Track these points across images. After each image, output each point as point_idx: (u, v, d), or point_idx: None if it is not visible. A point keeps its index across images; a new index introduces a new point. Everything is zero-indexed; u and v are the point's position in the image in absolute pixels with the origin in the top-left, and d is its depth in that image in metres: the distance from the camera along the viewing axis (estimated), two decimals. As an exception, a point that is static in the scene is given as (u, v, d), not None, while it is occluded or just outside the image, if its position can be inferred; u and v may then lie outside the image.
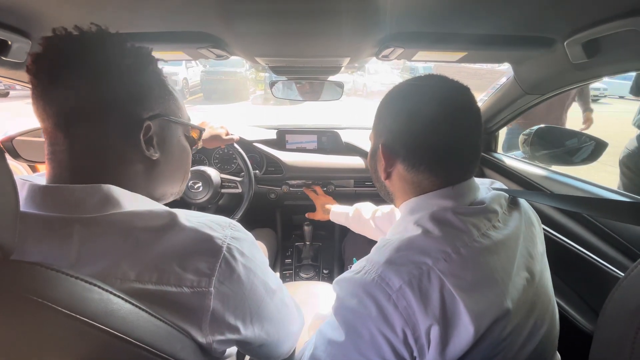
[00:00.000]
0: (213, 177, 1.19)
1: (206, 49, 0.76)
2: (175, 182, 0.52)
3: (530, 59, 0.82)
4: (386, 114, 0.54)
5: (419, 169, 0.50)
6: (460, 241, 0.44)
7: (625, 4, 0.50)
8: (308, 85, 1.26)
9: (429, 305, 0.40)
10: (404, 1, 0.56)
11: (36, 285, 0.29)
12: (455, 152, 0.49)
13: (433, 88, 0.51)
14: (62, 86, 0.39)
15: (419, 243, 0.44)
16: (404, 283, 0.41)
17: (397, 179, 0.53)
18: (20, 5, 0.56)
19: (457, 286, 0.41)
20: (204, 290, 0.38)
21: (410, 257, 0.43)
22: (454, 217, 0.46)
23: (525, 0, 0.53)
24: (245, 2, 0.55)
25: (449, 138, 0.48)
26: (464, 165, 0.51)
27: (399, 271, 0.42)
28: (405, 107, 0.51)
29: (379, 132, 0.54)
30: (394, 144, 0.51)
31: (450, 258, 0.42)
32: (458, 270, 0.42)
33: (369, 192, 1.47)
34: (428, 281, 0.41)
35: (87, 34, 0.41)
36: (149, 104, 0.44)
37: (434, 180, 0.50)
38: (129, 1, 0.56)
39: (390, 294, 0.41)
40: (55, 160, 0.41)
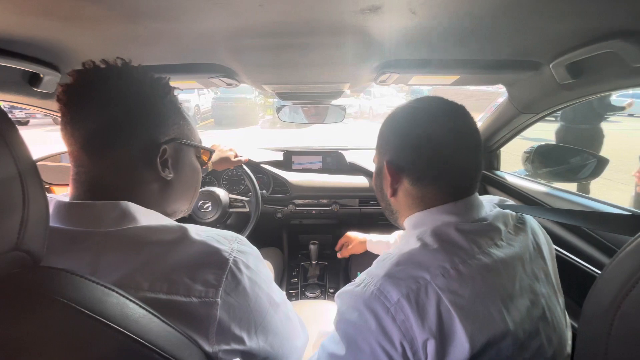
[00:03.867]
0: (222, 197, 1.23)
1: (217, 78, 0.83)
2: (186, 200, 0.55)
3: (521, 81, 0.86)
4: (389, 133, 0.56)
5: (423, 182, 0.51)
6: (459, 257, 0.44)
7: (601, 29, 0.54)
8: (312, 109, 1.32)
9: (426, 319, 0.40)
10: (397, 32, 0.60)
11: (62, 288, 0.32)
12: (456, 165, 0.50)
13: (432, 107, 0.53)
14: (89, 113, 0.43)
15: (418, 257, 0.45)
16: (402, 296, 0.41)
17: (402, 194, 0.54)
18: (52, 43, 0.63)
19: (453, 302, 0.41)
20: (211, 301, 0.39)
21: (408, 271, 0.43)
22: (455, 233, 0.46)
23: (510, 28, 0.57)
24: (252, 37, 0.61)
25: (449, 151, 0.50)
26: (465, 179, 0.52)
27: (397, 284, 0.42)
28: (407, 125, 0.53)
29: (383, 151, 0.56)
30: (398, 160, 0.53)
31: (448, 274, 0.42)
32: (456, 287, 0.42)
33: (374, 210, 1.48)
34: (425, 296, 0.41)
35: (112, 67, 0.45)
36: (166, 129, 0.48)
37: (437, 194, 0.51)
38: (150, 38, 0.63)
39: (388, 307, 0.42)
40: (79, 180, 0.45)
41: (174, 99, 0.50)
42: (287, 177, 1.43)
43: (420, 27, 0.57)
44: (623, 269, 0.29)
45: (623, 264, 0.29)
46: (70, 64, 0.73)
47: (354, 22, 0.55)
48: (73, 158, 0.45)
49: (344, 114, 1.32)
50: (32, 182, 0.31)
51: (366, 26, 0.57)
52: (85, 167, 0.44)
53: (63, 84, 0.44)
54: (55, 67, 0.72)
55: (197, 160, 0.56)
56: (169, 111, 0.49)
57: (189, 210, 0.58)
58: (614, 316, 0.28)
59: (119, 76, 0.45)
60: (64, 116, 0.44)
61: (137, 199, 0.45)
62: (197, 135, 0.56)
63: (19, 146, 0.31)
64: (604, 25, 0.53)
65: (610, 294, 0.29)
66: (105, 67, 0.45)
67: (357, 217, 1.52)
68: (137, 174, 0.46)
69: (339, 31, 0.58)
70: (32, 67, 0.67)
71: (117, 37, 0.62)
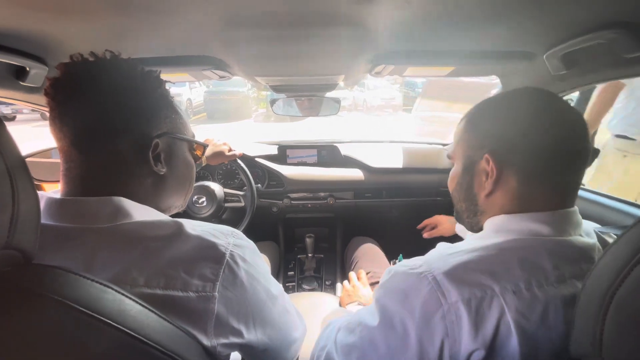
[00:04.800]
0: (217, 191, 1.23)
1: (210, 70, 0.81)
2: (180, 195, 0.55)
3: (515, 72, 0.86)
4: (487, 122, 0.49)
5: (534, 180, 0.45)
6: (536, 279, 0.39)
7: (594, 20, 0.54)
8: (306, 101, 1.31)
9: (481, 330, 0.38)
10: (391, 23, 0.60)
11: (57, 286, 0.32)
12: (566, 158, 0.44)
13: (540, 97, 0.47)
14: (78, 108, 0.42)
15: (492, 266, 0.40)
16: (461, 300, 0.38)
17: (501, 194, 0.47)
18: (38, 35, 0.61)
19: (517, 322, 0.37)
20: (209, 295, 0.40)
21: (477, 277, 0.39)
22: (541, 251, 0.41)
23: (505, 18, 0.57)
24: (245, 28, 0.60)
25: (562, 148, 0.43)
26: (569, 183, 0.45)
27: (460, 287, 0.39)
28: (516, 113, 0.46)
29: (479, 143, 0.48)
30: (507, 153, 0.45)
31: (521, 293, 0.38)
32: (524, 308, 0.38)
33: (369, 203, 1.49)
34: (488, 308, 0.38)
35: (101, 60, 0.44)
36: (157, 122, 0.47)
37: (538, 196, 0.45)
38: (140, 30, 0.61)
39: (442, 304, 0.39)
40: (69, 176, 0.44)
41: (166, 92, 0.49)
42: (282, 171, 1.43)
43: (415, 17, 0.57)
44: (619, 257, 0.29)
45: (619, 253, 0.30)
46: (58, 57, 0.71)
47: (349, 12, 0.54)
48: (63, 153, 0.44)
49: (338, 106, 1.32)
50: (21, 178, 0.31)
51: (361, 16, 0.56)
52: (75, 162, 0.43)
53: (51, 77, 0.42)
54: (43, 60, 0.70)
55: (191, 154, 0.55)
56: (161, 105, 0.48)
57: (183, 206, 0.58)
58: (610, 303, 0.29)
59: (108, 69, 0.44)
60: (52, 111, 0.43)
61: (131, 194, 0.44)
62: (190, 129, 0.55)
63: (7, 142, 0.30)
64: (597, 16, 0.53)
65: (606, 282, 0.30)
66: (94, 61, 0.44)
67: (352, 210, 1.52)
68: (130, 169, 0.45)
69: (334, 22, 0.58)
70: (18, 61, 0.65)
71: (106, 29, 0.61)
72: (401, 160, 1.47)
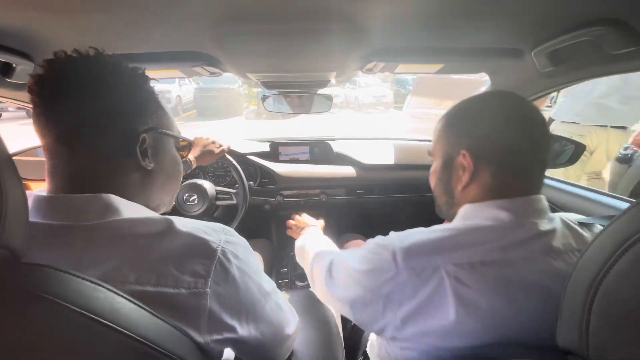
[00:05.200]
0: (208, 189, 1.21)
1: (200, 66, 0.80)
2: (168, 191, 0.54)
3: (504, 69, 0.88)
4: (465, 121, 0.54)
5: (505, 172, 0.50)
6: (480, 258, 0.45)
7: (581, 16, 0.56)
8: (298, 98, 1.31)
9: (421, 290, 0.45)
10: (383, 19, 0.60)
11: (47, 284, 0.31)
12: (527, 155, 0.50)
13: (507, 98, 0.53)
14: (62, 104, 0.41)
15: (442, 244, 0.47)
16: (408, 269, 0.46)
17: (475, 185, 0.52)
18: (25, 31, 0.59)
19: (455, 289, 0.43)
20: (201, 291, 0.40)
21: (426, 252, 0.46)
22: (493, 234, 0.46)
23: (494, 14, 0.58)
24: (235, 24, 0.60)
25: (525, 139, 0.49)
26: (530, 171, 0.51)
27: (409, 259, 0.47)
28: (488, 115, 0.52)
29: (456, 141, 0.54)
30: (482, 150, 0.51)
31: (463, 267, 0.44)
32: (464, 277, 0.43)
33: (361, 199, 1.50)
34: (430, 276, 0.45)
35: (85, 57, 0.43)
36: (143, 118, 0.47)
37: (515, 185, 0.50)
38: (128, 26, 0.60)
39: (394, 269, 0.47)
40: (56, 173, 0.43)
41: (151, 88, 0.49)
42: (274, 168, 1.43)
43: (406, 13, 0.57)
44: (604, 248, 0.30)
45: (602, 245, 0.31)
46: (45, 53, 0.69)
47: (340, 8, 0.54)
48: (48, 151, 0.43)
49: (330, 103, 1.32)
50: (8, 175, 0.30)
51: (352, 13, 0.56)
52: (62, 159, 0.43)
53: (35, 74, 0.42)
54: (29, 56, 0.69)
55: (177, 150, 0.56)
56: (147, 100, 0.48)
57: (171, 204, 0.57)
58: (596, 292, 0.30)
59: (93, 66, 0.43)
60: (36, 107, 0.42)
61: (119, 190, 0.44)
62: (176, 126, 0.55)
63: None
64: (583, 13, 0.54)
65: (591, 273, 0.30)
66: (78, 57, 0.43)
67: (345, 207, 1.53)
68: (117, 165, 0.45)
69: (326, 18, 0.58)
70: (4, 57, 0.64)
71: (94, 25, 0.60)
72: (393, 157, 1.48)
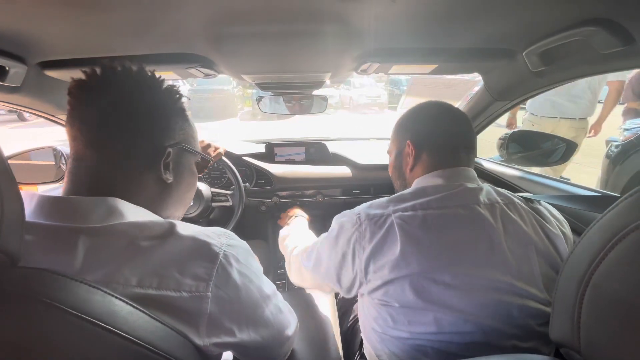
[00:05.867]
0: (204, 191, 1.21)
1: (195, 68, 0.80)
2: (181, 205, 0.56)
3: (496, 69, 0.89)
4: (408, 122, 0.75)
5: (433, 152, 0.69)
6: (421, 205, 0.60)
7: (571, 17, 0.56)
8: (293, 99, 1.31)
9: (377, 233, 0.59)
10: (376, 20, 0.61)
11: (44, 288, 0.31)
12: (454, 139, 0.69)
13: (434, 103, 0.75)
14: (97, 111, 0.44)
15: (393, 199, 0.63)
16: (367, 219, 0.61)
17: (419, 166, 0.71)
18: (18, 34, 0.59)
19: (400, 226, 0.58)
20: (202, 295, 0.40)
21: (381, 207, 0.62)
22: (430, 190, 0.63)
23: (486, 15, 0.59)
24: (230, 25, 0.60)
25: (450, 128, 0.70)
26: (458, 148, 0.69)
27: (368, 213, 0.62)
28: (424, 117, 0.73)
29: (403, 137, 0.74)
30: (420, 139, 0.71)
31: (406, 211, 0.59)
32: (406, 219, 0.58)
33: (357, 200, 1.50)
34: (384, 221, 0.60)
35: (127, 70, 0.46)
36: (172, 132, 0.50)
37: (437, 161, 0.68)
38: (122, 28, 0.60)
39: (357, 222, 0.62)
40: (77, 174, 0.45)
41: (182, 105, 0.53)
42: (270, 169, 1.43)
43: (399, 15, 0.58)
44: (593, 244, 0.31)
45: (593, 239, 0.31)
46: (38, 56, 0.69)
47: (333, 9, 0.55)
48: (75, 152, 0.45)
49: (325, 104, 1.32)
50: (4, 179, 0.30)
51: (347, 14, 0.57)
52: (85, 162, 0.45)
53: (77, 78, 0.45)
54: (22, 59, 0.68)
55: (196, 166, 0.58)
56: (177, 117, 0.51)
57: (180, 217, 0.58)
58: (586, 287, 0.30)
59: (132, 79, 0.46)
60: (72, 109, 0.45)
61: (134, 199, 0.45)
62: (199, 144, 0.58)
63: None
64: (574, 13, 0.55)
65: (582, 267, 0.31)
66: (121, 69, 0.46)
67: (341, 207, 1.53)
68: (138, 175, 0.46)
69: (319, 19, 0.58)
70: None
71: (87, 28, 0.59)
72: (388, 157, 1.49)
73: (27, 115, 6.85)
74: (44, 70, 0.76)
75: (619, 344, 0.28)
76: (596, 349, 0.30)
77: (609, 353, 0.29)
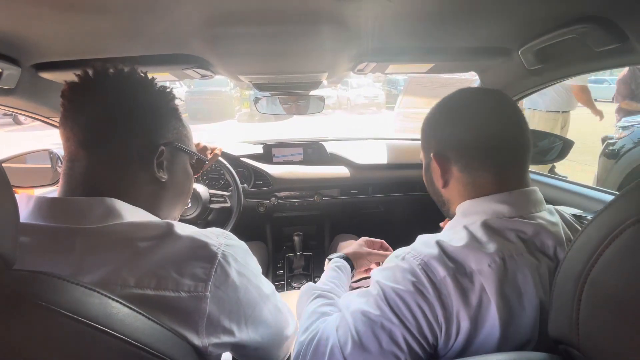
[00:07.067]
0: (202, 192, 1.21)
1: (191, 69, 0.80)
2: (177, 205, 0.56)
3: (493, 68, 0.89)
4: (429, 129, 0.58)
5: (472, 168, 0.52)
6: (507, 251, 0.44)
7: (566, 15, 0.57)
8: (291, 99, 1.31)
9: (468, 304, 0.42)
10: (373, 19, 0.61)
11: (40, 291, 0.31)
12: (501, 146, 0.50)
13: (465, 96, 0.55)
14: (89, 112, 0.44)
15: (466, 250, 0.45)
16: (448, 275, 0.43)
17: (454, 183, 0.55)
18: (12, 36, 0.58)
19: (494, 292, 0.42)
20: (201, 295, 0.40)
21: (457, 257, 0.45)
22: (506, 227, 0.47)
23: (481, 14, 0.59)
24: (226, 26, 0.59)
25: (492, 131, 0.51)
26: (514, 161, 0.51)
27: (445, 266, 0.44)
28: (445, 117, 0.56)
29: (428, 146, 0.58)
30: (444, 151, 0.54)
31: (496, 264, 0.43)
32: (500, 277, 0.43)
33: (355, 199, 1.51)
34: (471, 283, 0.43)
35: (119, 72, 0.46)
36: (165, 132, 0.50)
37: (488, 179, 0.51)
38: (117, 30, 0.60)
39: (434, 280, 0.43)
40: (72, 175, 0.45)
41: (175, 106, 0.53)
42: (268, 170, 1.43)
43: (396, 14, 0.58)
44: (591, 240, 0.31)
45: (590, 236, 0.31)
46: (32, 57, 0.69)
47: (330, 9, 0.55)
48: (68, 153, 0.46)
49: (323, 104, 1.32)
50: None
51: (342, 14, 0.57)
52: (80, 162, 0.45)
53: (69, 81, 0.45)
54: (16, 61, 0.68)
55: (191, 166, 0.58)
56: (170, 116, 0.51)
57: (177, 218, 0.58)
58: (584, 283, 0.30)
59: (124, 81, 0.47)
60: (65, 111, 0.45)
61: (130, 199, 0.45)
62: (193, 145, 0.58)
63: None
64: (569, 11, 0.55)
65: (580, 264, 0.31)
66: (113, 71, 0.46)
67: (339, 207, 1.54)
68: (132, 174, 0.47)
69: (316, 19, 0.58)
70: None
71: (81, 30, 0.59)
72: (386, 156, 1.49)
73: (22, 118, 6.83)
74: (38, 72, 0.75)
75: (618, 340, 0.28)
76: (595, 345, 0.30)
77: (608, 349, 0.29)
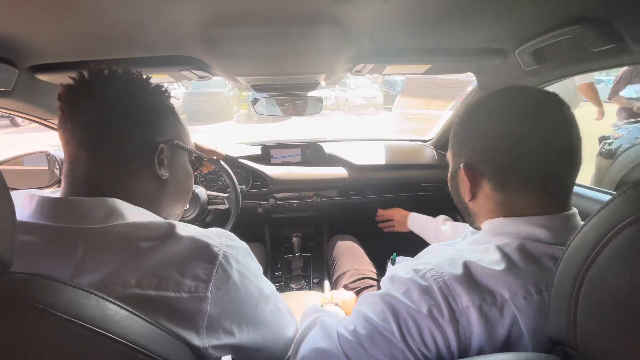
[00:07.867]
0: (200, 194, 1.20)
1: (189, 70, 0.80)
2: (179, 203, 0.57)
3: (489, 68, 0.89)
4: (464, 133, 0.50)
5: (509, 188, 0.45)
6: (545, 283, 0.39)
7: (562, 16, 0.57)
8: (289, 101, 1.31)
9: (493, 336, 0.38)
10: (370, 20, 0.61)
11: (37, 293, 0.30)
12: (550, 172, 0.44)
13: (516, 99, 0.47)
14: (87, 113, 0.45)
15: (501, 274, 0.40)
16: (472, 305, 0.38)
17: (483, 199, 0.49)
18: (8, 38, 0.58)
19: (529, 327, 0.38)
20: (202, 295, 0.40)
21: (487, 282, 0.39)
22: (545, 254, 0.42)
23: (478, 14, 0.60)
24: (223, 27, 0.60)
25: (540, 151, 0.43)
26: (558, 185, 0.45)
27: (470, 292, 0.39)
28: (486, 122, 0.47)
29: (459, 153, 0.51)
30: (478, 164, 0.48)
31: (532, 298, 0.39)
32: (536, 313, 0.38)
33: (354, 200, 1.51)
34: (500, 315, 0.38)
35: (113, 72, 0.47)
36: (163, 130, 0.51)
37: (527, 201, 0.45)
38: (114, 31, 0.59)
39: (454, 309, 0.38)
40: (73, 176, 0.45)
41: (172, 104, 0.53)
42: (266, 171, 1.42)
43: (393, 15, 0.58)
44: (588, 240, 0.31)
45: (587, 235, 0.31)
46: (29, 59, 0.68)
47: (327, 10, 0.55)
48: (69, 155, 0.46)
49: (321, 105, 1.32)
50: None
51: (339, 15, 0.57)
52: (80, 163, 0.45)
53: (66, 84, 0.45)
54: (13, 62, 0.68)
55: (191, 164, 0.59)
56: (167, 115, 0.52)
57: (179, 216, 0.59)
58: (582, 283, 0.30)
59: (119, 81, 0.47)
60: (63, 114, 0.45)
61: (131, 198, 0.45)
62: (192, 141, 0.59)
63: None
64: (564, 12, 0.56)
65: (577, 264, 0.31)
66: (108, 72, 0.47)
67: (337, 208, 1.53)
68: (133, 172, 0.47)
69: (313, 20, 0.58)
70: None
71: (78, 31, 0.59)
72: (384, 157, 1.49)
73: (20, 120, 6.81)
74: (35, 73, 0.75)
75: (616, 340, 0.28)
76: (593, 345, 0.30)
77: (606, 349, 0.29)
